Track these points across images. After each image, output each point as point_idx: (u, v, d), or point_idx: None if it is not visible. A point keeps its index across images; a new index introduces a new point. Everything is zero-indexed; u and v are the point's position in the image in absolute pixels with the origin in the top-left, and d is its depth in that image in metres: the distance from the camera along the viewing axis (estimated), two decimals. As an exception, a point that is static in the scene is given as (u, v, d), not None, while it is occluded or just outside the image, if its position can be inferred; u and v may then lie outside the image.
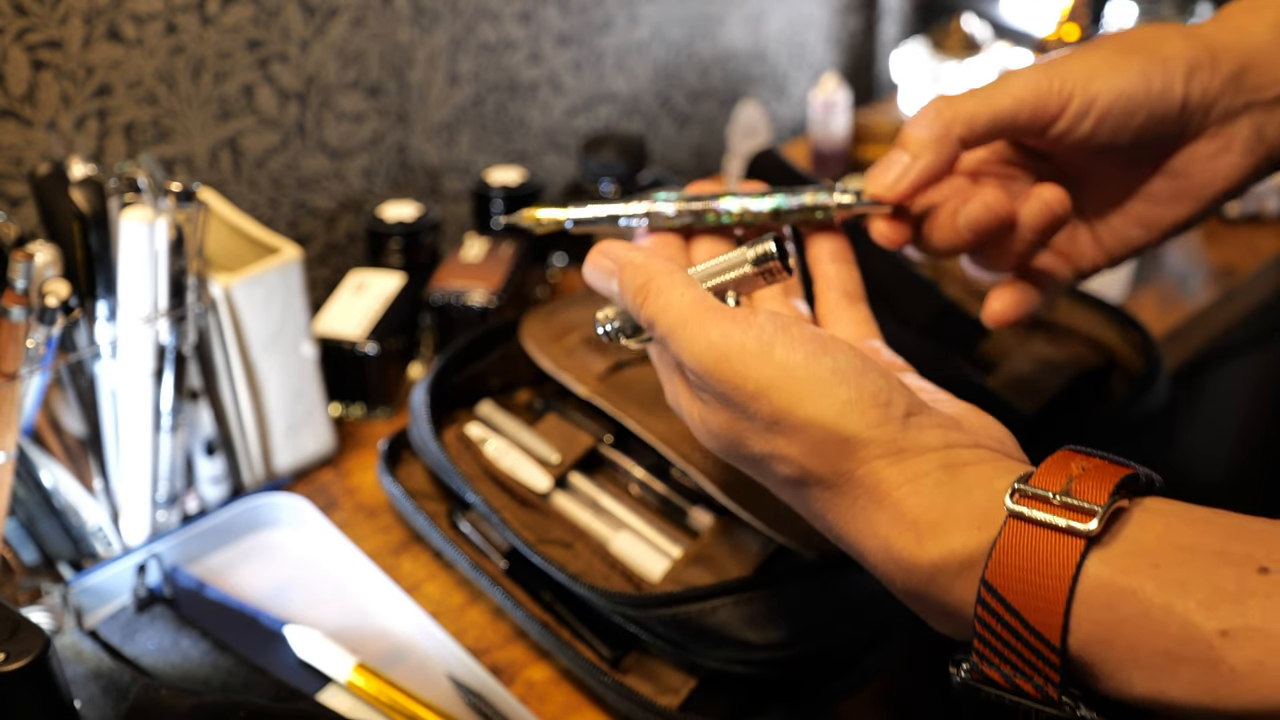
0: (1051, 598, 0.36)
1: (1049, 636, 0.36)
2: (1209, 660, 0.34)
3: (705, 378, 0.44)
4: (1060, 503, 0.37)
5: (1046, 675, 0.37)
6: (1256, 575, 0.34)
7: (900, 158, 0.52)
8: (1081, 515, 0.37)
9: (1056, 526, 0.37)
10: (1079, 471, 0.38)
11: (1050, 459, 0.39)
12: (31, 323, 0.63)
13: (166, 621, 0.66)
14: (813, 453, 0.42)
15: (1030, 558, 0.37)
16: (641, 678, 0.62)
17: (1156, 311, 0.96)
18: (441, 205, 1.06)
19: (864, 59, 1.36)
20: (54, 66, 0.80)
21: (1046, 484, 0.38)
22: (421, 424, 0.72)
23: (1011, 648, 0.37)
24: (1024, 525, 0.37)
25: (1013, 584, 0.37)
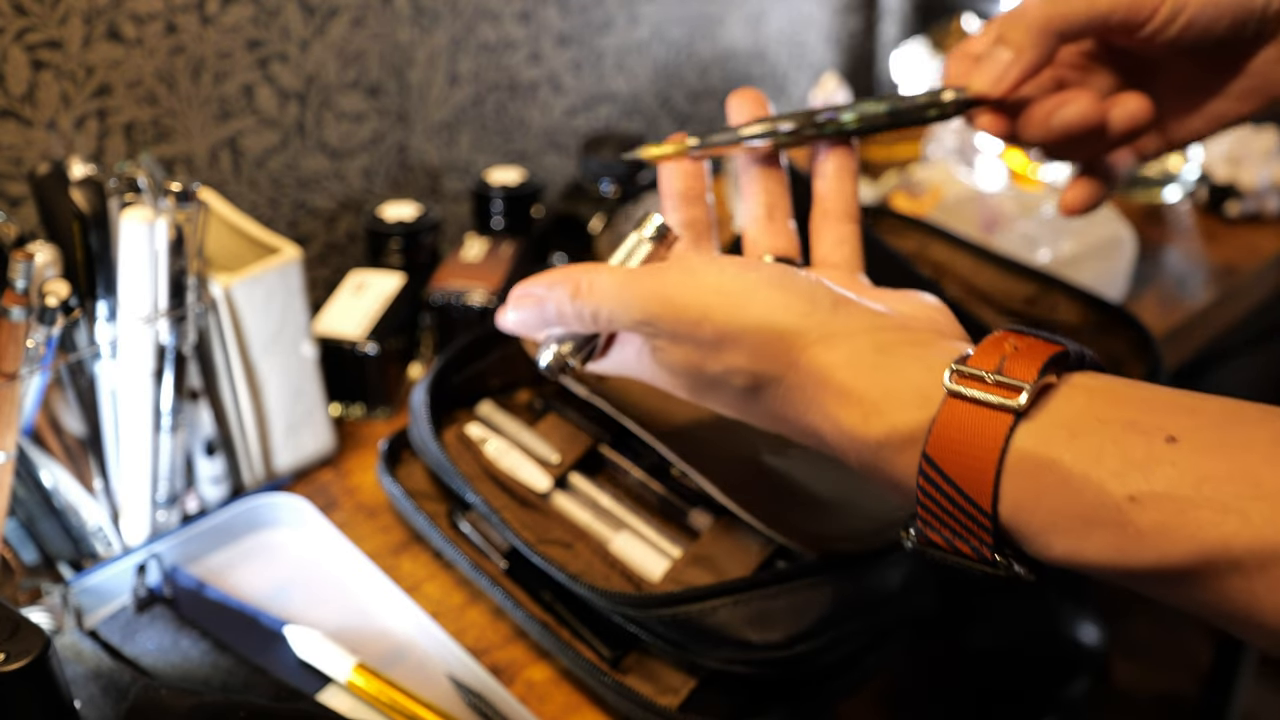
0: (983, 469, 0.40)
1: (981, 504, 0.40)
2: (1118, 523, 0.37)
3: (654, 322, 0.48)
4: (993, 381, 0.40)
5: (981, 538, 0.41)
6: (1164, 445, 0.37)
7: (1003, 55, 0.56)
8: (1011, 392, 0.40)
9: (989, 403, 0.40)
10: (1011, 350, 0.41)
11: (986, 340, 0.42)
12: (31, 323, 0.63)
13: (166, 621, 0.66)
14: (758, 355, 0.46)
15: (965, 432, 0.40)
16: (641, 678, 0.62)
17: (1156, 311, 0.96)
18: (441, 205, 1.06)
19: (864, 59, 1.36)
20: (54, 66, 0.80)
21: (981, 364, 0.41)
22: (421, 424, 0.72)
23: (950, 514, 0.41)
24: (960, 403, 0.41)
25: (950, 456, 0.40)
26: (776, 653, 0.59)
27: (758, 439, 0.69)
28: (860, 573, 0.61)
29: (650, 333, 0.49)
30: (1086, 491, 0.38)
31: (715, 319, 0.46)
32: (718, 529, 0.66)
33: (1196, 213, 1.09)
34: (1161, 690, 1.53)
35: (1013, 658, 1.21)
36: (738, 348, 0.46)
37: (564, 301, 0.51)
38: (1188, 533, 0.36)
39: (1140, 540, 0.37)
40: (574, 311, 0.50)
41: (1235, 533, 0.35)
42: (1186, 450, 0.37)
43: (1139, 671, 1.51)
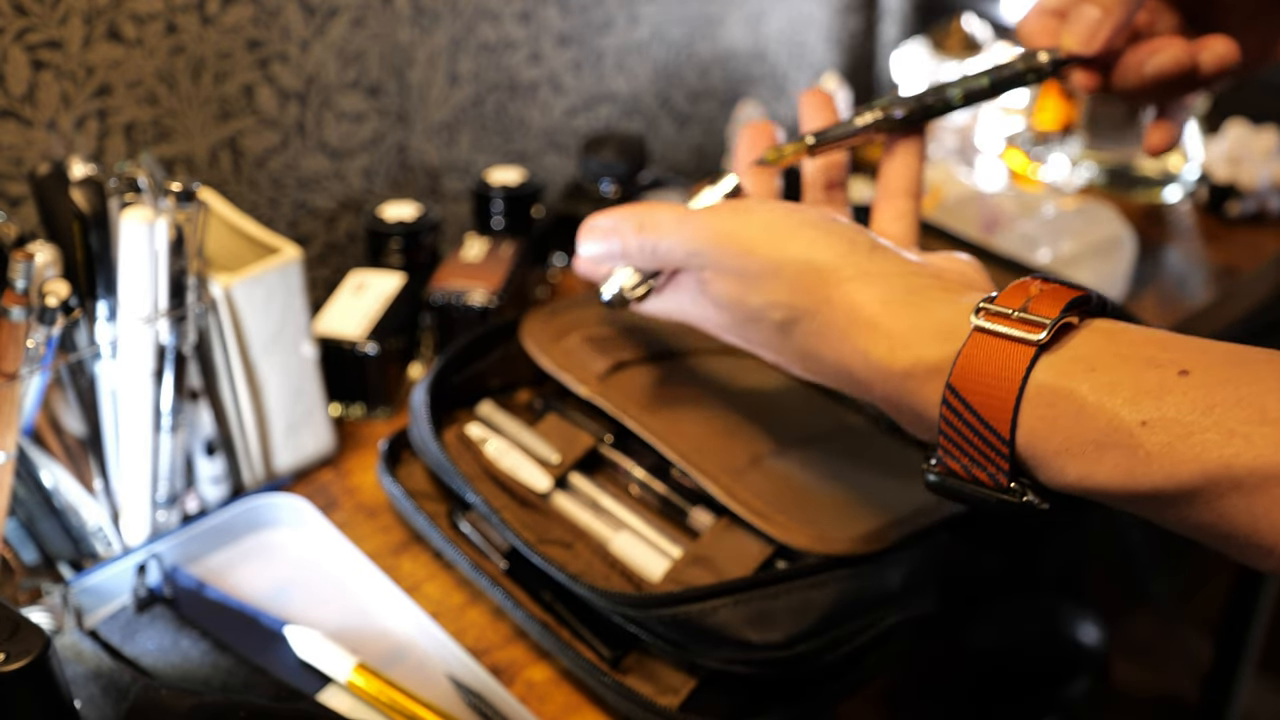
0: (1004, 398, 0.42)
1: (1000, 430, 0.42)
2: (1129, 446, 0.40)
3: (705, 253, 0.53)
4: (1017, 317, 0.43)
5: (997, 465, 0.43)
6: (1177, 377, 0.40)
7: (1092, 12, 0.58)
8: (1034, 327, 0.43)
9: (1012, 337, 0.43)
10: (1036, 292, 0.44)
11: (1012, 284, 0.45)
12: (31, 323, 0.63)
13: (166, 622, 0.66)
14: (796, 288, 0.50)
15: (988, 364, 0.43)
16: (641, 678, 0.62)
17: (1156, 311, 0.96)
18: (441, 205, 1.06)
19: (864, 59, 1.36)
20: (54, 66, 0.80)
21: (1007, 303, 0.44)
22: (421, 424, 0.72)
23: (970, 441, 0.43)
24: (985, 337, 0.43)
25: (972, 386, 0.43)
26: (776, 653, 0.59)
27: (758, 439, 0.69)
28: (860, 573, 0.61)
29: (701, 264, 0.53)
30: (1100, 418, 0.40)
31: (760, 251, 0.51)
32: (718, 529, 0.66)
33: (1197, 213, 1.09)
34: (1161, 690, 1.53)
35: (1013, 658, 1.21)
36: (778, 280, 0.50)
37: (629, 235, 0.56)
38: (1193, 454, 0.38)
39: (1149, 462, 0.39)
40: (637, 245, 0.56)
41: (1238, 454, 0.37)
42: (1197, 382, 0.40)
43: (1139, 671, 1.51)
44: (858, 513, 0.64)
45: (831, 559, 0.61)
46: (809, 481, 0.66)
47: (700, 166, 1.25)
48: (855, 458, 0.70)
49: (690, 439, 0.67)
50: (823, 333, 0.49)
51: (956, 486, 0.45)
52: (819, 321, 0.49)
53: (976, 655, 1.12)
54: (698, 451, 0.67)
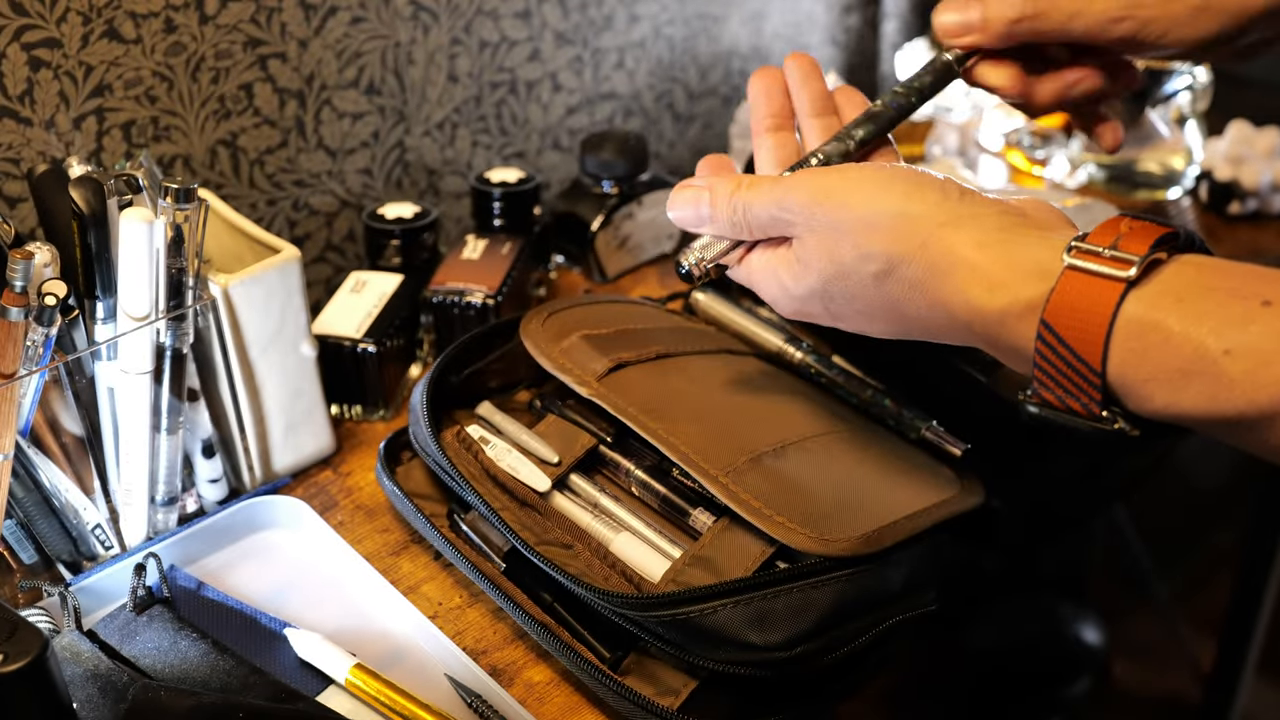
0: (1095, 331, 0.45)
1: (1091, 363, 0.45)
2: (1213, 374, 0.42)
3: (802, 208, 0.54)
4: (1109, 255, 0.45)
5: (1090, 395, 0.46)
6: (1260, 307, 0.42)
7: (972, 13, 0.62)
8: (1123, 264, 0.45)
9: (1102, 274, 0.45)
10: (1126, 230, 0.46)
11: (1103, 223, 0.47)
12: (29, 322, 0.63)
13: (165, 622, 0.66)
14: (892, 237, 0.51)
15: (1080, 299, 0.45)
16: (642, 679, 0.62)
17: (1157, 311, 0.96)
18: (441, 204, 1.06)
19: (865, 59, 1.36)
20: (52, 65, 0.80)
21: (1098, 241, 0.46)
22: (421, 424, 0.72)
23: (1063, 374, 0.46)
24: (1077, 274, 0.46)
25: (1065, 321, 0.45)
26: (777, 653, 0.59)
27: (758, 439, 0.69)
28: (860, 573, 0.61)
29: (795, 220, 0.55)
30: (1185, 347, 0.43)
31: (855, 205, 0.52)
32: (717, 529, 0.66)
33: (1198, 211, 1.09)
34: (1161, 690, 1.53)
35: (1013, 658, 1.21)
36: (875, 230, 0.51)
37: (722, 198, 0.58)
38: (1274, 379, 0.41)
39: (1231, 388, 0.42)
40: (729, 208, 0.57)
41: None
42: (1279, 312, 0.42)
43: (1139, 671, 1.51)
44: (858, 513, 0.64)
45: (831, 559, 0.61)
46: (809, 481, 0.66)
47: (700, 166, 1.25)
48: (855, 458, 0.70)
49: (690, 439, 0.67)
50: (920, 279, 0.51)
51: (1052, 415, 0.47)
52: (916, 267, 0.50)
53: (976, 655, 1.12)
54: (698, 451, 0.66)
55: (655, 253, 1.03)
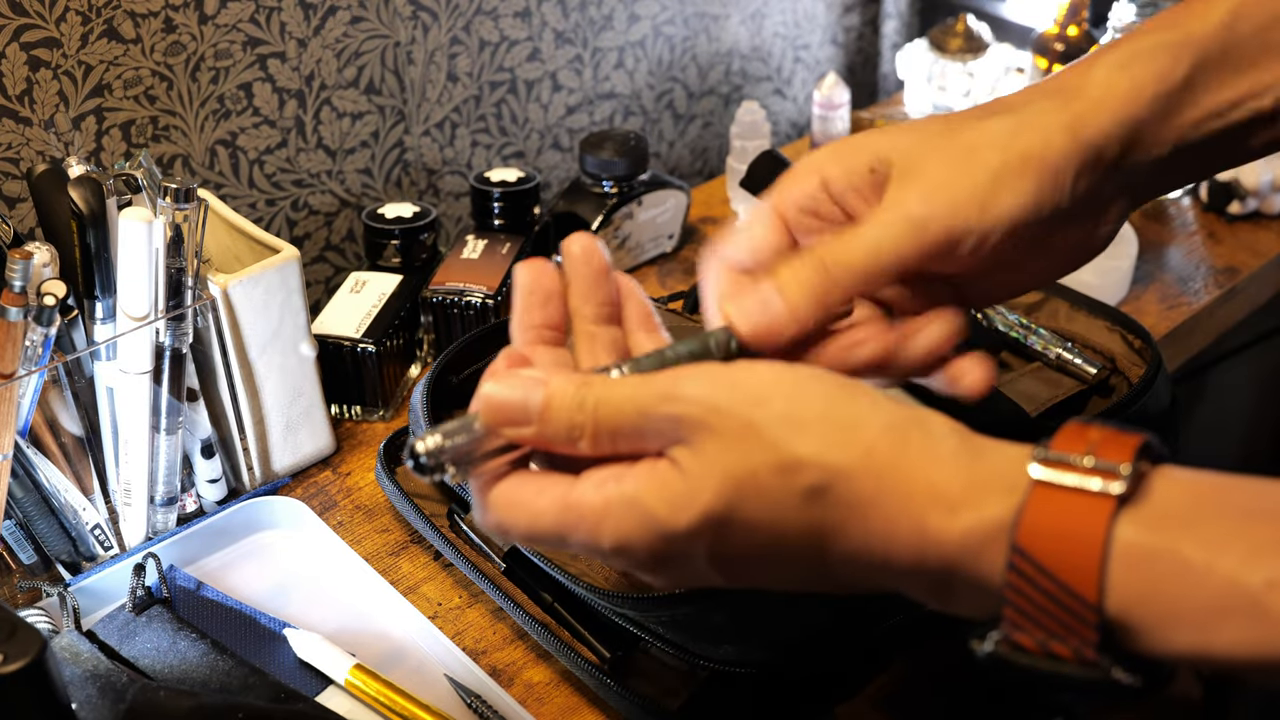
0: (1086, 556, 0.36)
1: (1086, 595, 0.37)
2: (1256, 612, 0.35)
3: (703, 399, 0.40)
4: (1087, 465, 0.38)
5: (1083, 636, 0.37)
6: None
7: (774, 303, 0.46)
8: (1109, 476, 0.37)
9: (1086, 489, 0.37)
10: (1096, 440, 0.39)
11: (1063, 430, 0.39)
12: (29, 322, 0.63)
13: (164, 622, 0.65)
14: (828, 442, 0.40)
15: (1060, 520, 0.37)
16: (642, 679, 0.62)
17: (1157, 311, 0.96)
18: (440, 204, 1.06)
19: (865, 59, 1.36)
20: (51, 65, 0.80)
21: (1068, 448, 0.38)
22: (421, 424, 0.72)
23: (1046, 610, 0.37)
24: (1051, 489, 0.38)
25: (1045, 545, 0.37)
26: (777, 654, 0.59)
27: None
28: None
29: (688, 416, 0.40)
30: (1213, 580, 0.35)
31: (776, 400, 0.40)
32: (718, 530, 0.66)
33: (1198, 211, 1.09)
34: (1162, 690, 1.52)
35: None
36: (806, 433, 0.40)
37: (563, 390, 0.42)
38: None
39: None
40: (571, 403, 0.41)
41: None
42: None
43: (1139, 671, 1.50)
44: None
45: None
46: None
47: (700, 166, 1.25)
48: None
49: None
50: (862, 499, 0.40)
51: (1021, 662, 0.38)
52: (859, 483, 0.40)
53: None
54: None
55: (655, 253, 1.03)
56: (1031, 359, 0.79)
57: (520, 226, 0.96)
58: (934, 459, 0.40)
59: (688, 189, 1.03)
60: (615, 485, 0.41)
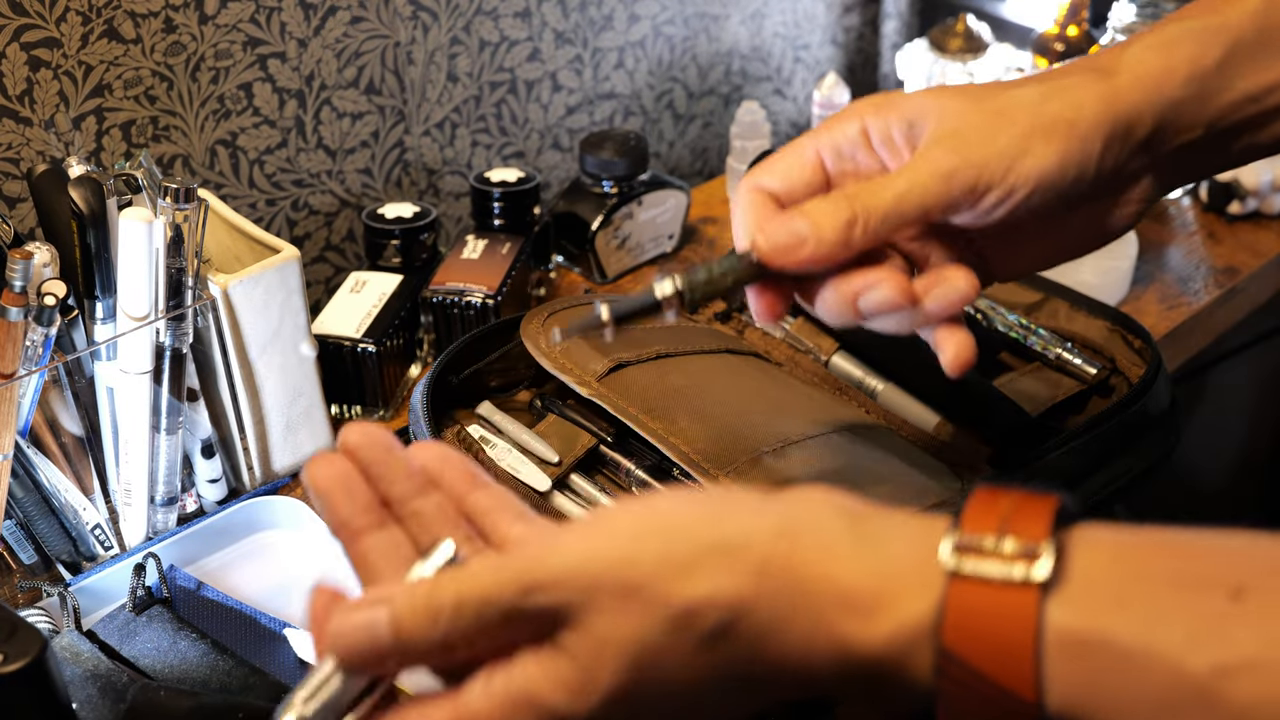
0: (1018, 655, 0.34)
1: (1023, 695, 0.34)
2: (1207, 703, 0.32)
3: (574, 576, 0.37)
4: (1003, 550, 0.35)
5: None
6: (1231, 602, 0.32)
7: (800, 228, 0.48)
8: (1027, 560, 0.34)
9: (1006, 579, 0.34)
10: (1008, 510, 0.36)
11: (973, 501, 0.37)
12: (29, 322, 0.63)
13: (164, 622, 0.65)
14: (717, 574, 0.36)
15: (986, 617, 0.34)
16: (642, 679, 0.62)
17: (1157, 311, 0.96)
18: (440, 204, 1.06)
19: (865, 59, 1.36)
20: (52, 65, 0.80)
21: (979, 528, 0.35)
22: (421, 424, 0.72)
23: (986, 714, 0.35)
24: (970, 583, 0.35)
25: (973, 645, 0.34)
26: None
27: (758, 439, 0.69)
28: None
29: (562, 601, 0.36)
30: (1157, 669, 0.33)
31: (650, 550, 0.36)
32: (718, 529, 0.66)
33: (1198, 211, 1.09)
34: None
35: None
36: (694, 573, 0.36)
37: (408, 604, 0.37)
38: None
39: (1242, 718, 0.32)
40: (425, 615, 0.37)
41: None
42: (1261, 603, 0.32)
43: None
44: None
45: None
46: (809, 481, 0.66)
47: (700, 166, 1.25)
48: (855, 457, 0.69)
49: (691, 438, 0.67)
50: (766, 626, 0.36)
51: None
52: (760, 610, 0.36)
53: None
54: (698, 451, 0.66)
55: (655, 253, 1.03)
56: (1031, 359, 0.79)
57: (520, 226, 0.96)
58: (833, 558, 0.36)
59: (688, 189, 1.03)
60: (504, 682, 0.37)
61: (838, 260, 0.49)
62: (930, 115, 0.49)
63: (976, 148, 0.48)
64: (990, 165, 0.48)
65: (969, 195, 0.48)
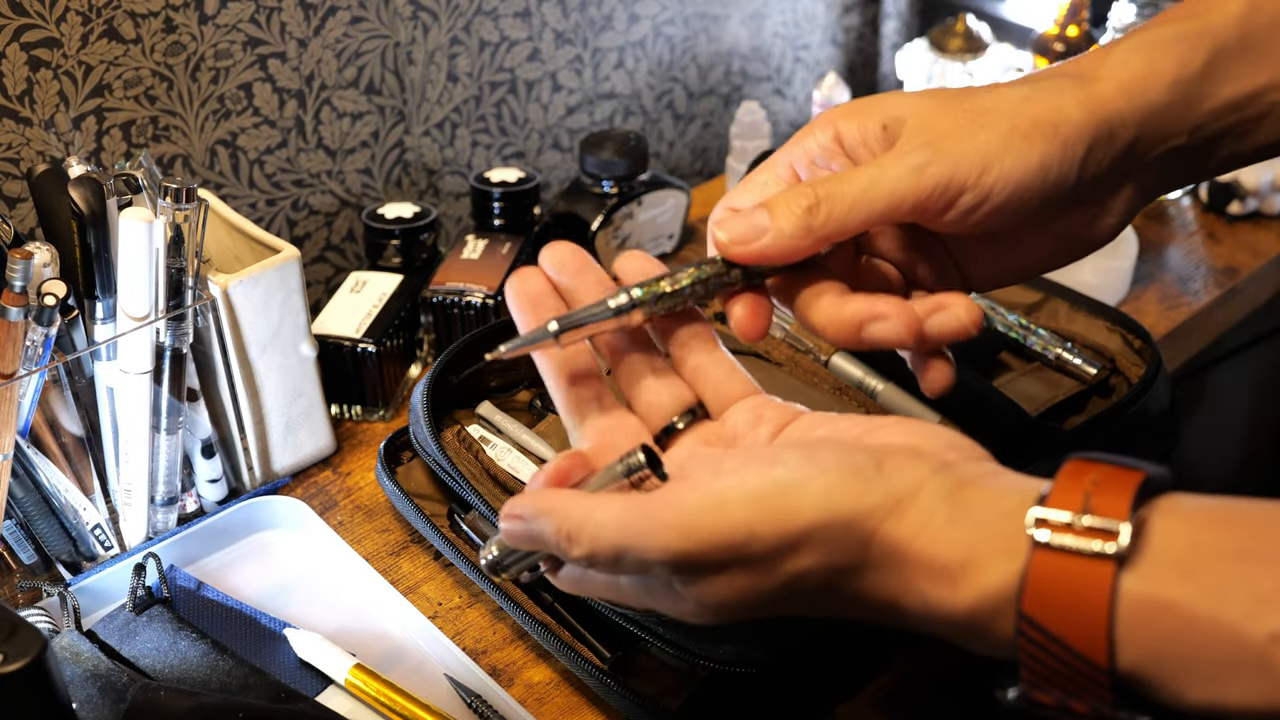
0: (1093, 620, 0.37)
1: (1096, 659, 0.37)
2: (1263, 666, 0.35)
3: (688, 561, 0.41)
4: (1084, 525, 0.37)
5: (1099, 695, 0.37)
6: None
7: (760, 219, 0.47)
8: (1107, 535, 0.37)
9: (1086, 551, 0.37)
10: (1092, 485, 0.38)
11: (1062, 473, 0.39)
12: (29, 322, 0.63)
13: (165, 622, 0.65)
14: (829, 550, 0.41)
15: (1064, 584, 0.37)
16: (642, 679, 0.62)
17: (1157, 311, 0.96)
18: (441, 204, 1.06)
19: (865, 59, 1.36)
20: (52, 65, 0.80)
21: (1064, 503, 0.38)
22: (421, 424, 0.72)
23: (1060, 674, 0.38)
24: (1052, 552, 0.37)
25: (1051, 612, 0.37)
26: (777, 654, 0.59)
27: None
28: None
29: (674, 570, 0.42)
30: (1218, 635, 0.35)
31: (765, 533, 0.41)
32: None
33: (1198, 211, 1.09)
34: None
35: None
36: (805, 550, 0.41)
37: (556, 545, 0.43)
38: None
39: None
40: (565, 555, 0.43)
41: None
42: None
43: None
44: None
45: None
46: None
47: (700, 166, 1.25)
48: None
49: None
50: (871, 583, 0.41)
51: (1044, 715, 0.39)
52: (863, 574, 0.41)
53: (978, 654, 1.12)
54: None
55: (655, 253, 1.03)
56: (1031, 359, 0.79)
57: (520, 227, 0.96)
58: (931, 538, 0.40)
59: (688, 189, 1.03)
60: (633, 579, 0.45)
61: (802, 252, 0.48)
62: (907, 116, 0.49)
63: (952, 144, 0.47)
64: (966, 161, 0.46)
65: (942, 193, 0.47)
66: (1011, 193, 0.47)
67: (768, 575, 0.41)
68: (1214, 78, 0.48)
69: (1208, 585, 0.36)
